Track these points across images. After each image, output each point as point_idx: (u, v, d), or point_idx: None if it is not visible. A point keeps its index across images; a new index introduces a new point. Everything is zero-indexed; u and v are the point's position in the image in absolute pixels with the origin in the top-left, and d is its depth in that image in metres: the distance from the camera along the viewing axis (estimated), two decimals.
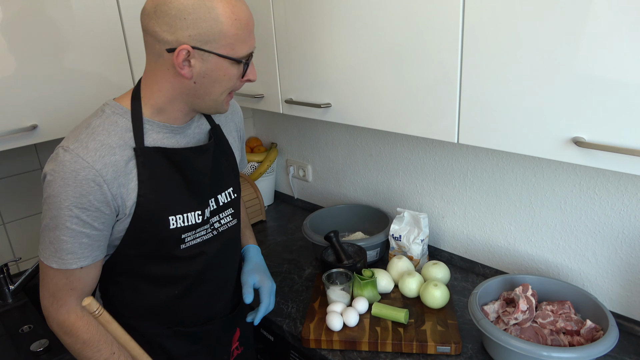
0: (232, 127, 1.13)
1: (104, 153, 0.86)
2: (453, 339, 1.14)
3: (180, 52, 0.83)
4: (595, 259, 1.22)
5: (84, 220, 0.86)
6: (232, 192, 1.08)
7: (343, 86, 1.23)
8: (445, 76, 1.00)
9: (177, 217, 0.95)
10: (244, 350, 1.25)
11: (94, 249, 0.90)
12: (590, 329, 1.06)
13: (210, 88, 0.90)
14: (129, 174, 0.89)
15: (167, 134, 0.95)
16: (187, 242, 0.98)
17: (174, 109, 0.93)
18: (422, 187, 1.56)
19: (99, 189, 0.85)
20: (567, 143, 0.86)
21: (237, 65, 0.89)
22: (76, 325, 0.92)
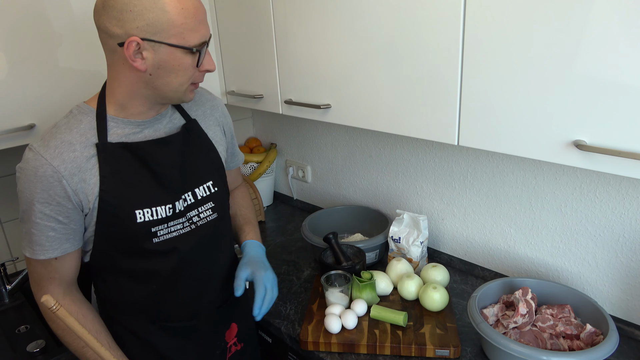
0: (211, 121, 1.12)
1: (63, 150, 0.90)
2: (452, 342, 1.13)
3: (130, 44, 0.84)
4: (596, 263, 1.21)
5: (47, 214, 0.90)
6: (212, 185, 1.07)
7: (343, 87, 1.22)
8: (446, 77, 0.99)
9: (144, 210, 0.96)
10: (245, 347, 1.25)
11: (63, 241, 0.94)
12: (590, 333, 1.05)
13: (166, 79, 0.90)
14: (90, 170, 0.92)
15: (133, 129, 0.97)
16: (160, 235, 0.99)
17: (136, 103, 0.95)
18: (421, 188, 1.56)
19: (58, 184, 0.89)
20: (568, 146, 0.86)
21: (191, 55, 0.89)
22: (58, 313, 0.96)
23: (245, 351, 1.25)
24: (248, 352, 1.26)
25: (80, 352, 1.01)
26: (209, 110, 1.13)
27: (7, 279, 1.47)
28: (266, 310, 1.07)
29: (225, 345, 1.19)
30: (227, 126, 1.18)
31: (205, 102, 1.13)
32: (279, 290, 1.43)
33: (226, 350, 1.19)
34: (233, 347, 1.21)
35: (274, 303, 1.37)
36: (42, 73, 1.24)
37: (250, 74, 1.52)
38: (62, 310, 0.87)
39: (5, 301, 1.47)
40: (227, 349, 1.19)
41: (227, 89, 1.64)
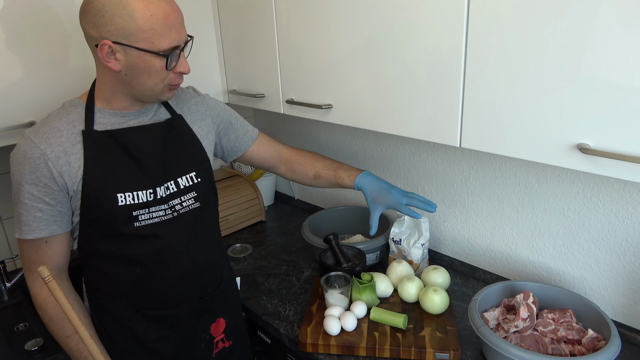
0: (196, 117, 1.16)
1: (51, 135, 0.97)
2: (452, 346, 1.12)
3: (102, 47, 0.91)
4: (598, 267, 1.20)
5: (35, 195, 0.96)
6: (195, 176, 1.11)
7: (344, 87, 1.21)
8: (449, 79, 0.98)
9: (125, 194, 1.00)
10: (234, 345, 1.25)
11: (50, 223, 0.99)
12: (592, 338, 1.04)
13: (140, 79, 0.96)
14: (75, 154, 0.98)
15: (118, 120, 1.03)
16: (141, 220, 1.03)
17: (118, 98, 1.01)
18: (423, 190, 1.55)
19: (44, 166, 0.95)
20: (572, 149, 0.84)
21: (161, 59, 0.94)
22: (47, 300, 1.03)
23: (234, 349, 1.25)
24: (237, 350, 1.26)
25: (64, 341, 1.05)
26: (194, 107, 1.17)
27: (6, 277, 1.47)
28: (428, 203, 1.18)
29: (211, 339, 1.19)
30: (217, 116, 1.22)
31: (189, 99, 1.17)
32: (279, 290, 1.43)
33: (212, 345, 1.20)
34: (220, 343, 1.21)
35: (274, 304, 1.37)
36: (43, 70, 1.23)
37: (252, 74, 1.51)
38: (53, 283, 0.92)
39: (5, 299, 1.47)
40: (214, 344, 1.20)
41: (229, 88, 1.63)
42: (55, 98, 1.27)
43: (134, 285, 1.07)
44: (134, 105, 1.04)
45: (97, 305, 1.10)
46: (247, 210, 1.88)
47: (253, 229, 1.88)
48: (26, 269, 1.04)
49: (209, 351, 1.19)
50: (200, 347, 1.17)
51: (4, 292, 1.47)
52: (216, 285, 1.20)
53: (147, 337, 1.10)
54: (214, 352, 1.20)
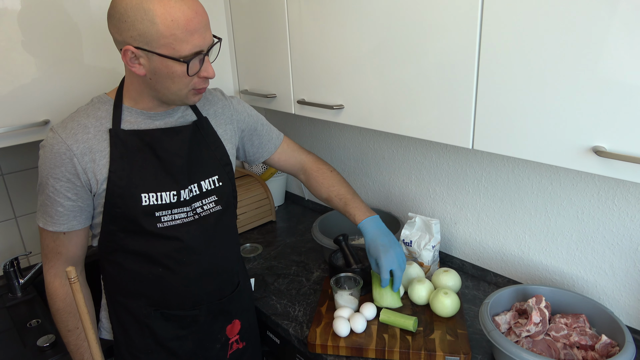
0: (222, 120, 1.17)
1: (78, 131, 0.98)
2: (462, 350, 1.11)
3: (125, 52, 0.92)
4: (613, 272, 1.18)
5: (58, 189, 0.98)
6: (217, 180, 1.12)
7: (356, 87, 1.20)
8: (461, 79, 0.97)
9: (149, 194, 1.01)
10: (247, 347, 1.25)
11: (70, 218, 1.01)
12: (605, 344, 1.02)
13: (164, 84, 0.96)
14: (101, 152, 0.99)
15: (145, 119, 1.03)
16: (164, 221, 1.04)
17: (144, 100, 1.02)
18: (434, 192, 1.53)
19: (69, 162, 0.96)
20: (587, 152, 0.83)
21: (182, 65, 0.93)
22: (57, 291, 1.06)
23: (247, 350, 1.25)
24: (249, 351, 1.27)
25: (64, 334, 1.08)
26: (220, 110, 1.17)
27: (20, 273, 1.49)
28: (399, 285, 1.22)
29: (226, 340, 1.20)
30: (242, 121, 1.22)
31: (216, 102, 1.18)
32: (288, 291, 1.43)
33: (227, 346, 1.20)
34: (235, 345, 1.22)
35: (283, 304, 1.37)
36: (57, 70, 1.25)
37: (264, 74, 1.51)
38: (77, 285, 0.94)
39: (18, 295, 1.49)
40: (229, 345, 1.20)
41: (241, 88, 1.64)
42: (70, 97, 1.28)
43: (154, 284, 1.08)
44: (161, 106, 1.04)
45: (116, 302, 1.11)
46: (257, 210, 1.88)
47: (263, 228, 1.89)
48: (43, 256, 1.06)
49: (224, 352, 1.20)
50: (216, 348, 1.18)
51: (17, 288, 1.49)
52: (233, 288, 1.21)
53: (164, 336, 1.11)
54: (229, 354, 1.21)
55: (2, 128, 1.18)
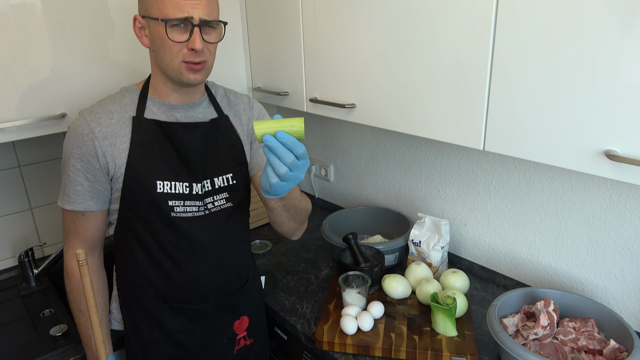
0: (244, 120, 1.19)
1: (102, 115, 1.03)
2: (469, 351, 1.11)
3: (135, 22, 1.01)
4: (623, 277, 1.17)
5: (78, 169, 1.02)
6: (231, 178, 1.13)
7: (369, 87, 1.21)
8: (474, 80, 0.97)
9: (164, 182, 1.05)
10: (254, 343, 1.26)
11: (87, 198, 1.05)
12: (613, 349, 1.02)
13: (160, 54, 1.00)
14: (122, 137, 1.03)
15: (167, 110, 1.08)
16: (176, 211, 1.06)
17: (159, 83, 1.06)
18: (444, 192, 1.53)
19: (90, 143, 1.01)
20: (599, 156, 0.83)
21: (163, 25, 0.95)
22: (74, 271, 1.09)
23: (254, 347, 1.27)
24: (256, 348, 1.28)
25: (76, 314, 1.11)
26: (241, 111, 1.20)
27: (34, 263, 1.52)
28: None
29: (234, 336, 1.21)
30: None
31: (239, 104, 1.21)
32: (297, 288, 1.44)
33: (234, 342, 1.21)
34: (242, 341, 1.23)
35: (291, 301, 1.38)
36: (76, 64, 1.27)
37: (277, 71, 1.52)
38: (85, 268, 0.95)
39: (32, 285, 1.52)
40: (236, 341, 1.22)
41: (254, 85, 1.65)
42: (88, 91, 1.30)
43: (163, 276, 1.10)
44: (175, 92, 1.07)
45: (126, 293, 1.14)
46: None
47: None
48: (65, 236, 1.10)
49: (231, 347, 1.21)
50: (223, 343, 1.19)
51: (31, 278, 1.52)
52: (242, 284, 1.22)
53: (172, 328, 1.13)
54: (235, 349, 1.22)
55: (20, 120, 1.20)
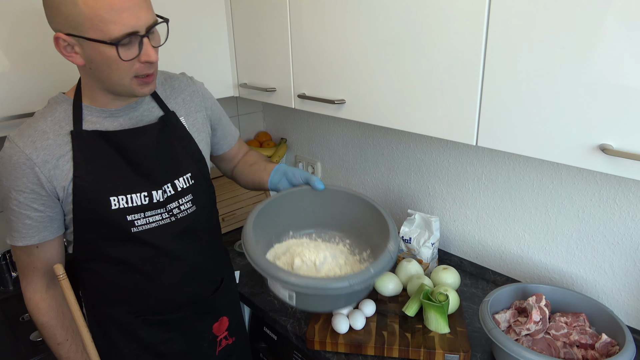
0: (191, 108, 1.10)
1: (36, 138, 0.91)
2: (462, 347, 1.10)
3: (57, 40, 0.85)
4: (613, 271, 1.18)
5: (22, 202, 0.92)
6: (190, 178, 1.05)
7: (358, 82, 1.19)
8: (466, 74, 0.96)
9: (119, 197, 0.95)
10: (237, 341, 1.24)
11: (40, 229, 0.95)
12: (605, 343, 1.02)
13: (104, 73, 0.88)
14: (64, 156, 0.92)
15: (107, 118, 0.97)
16: (138, 225, 0.98)
17: (97, 94, 0.95)
18: (434, 189, 1.53)
19: (31, 172, 0.90)
20: (594, 150, 0.82)
21: (113, 48, 0.83)
22: (38, 306, 1.01)
23: (237, 345, 1.24)
24: (239, 345, 1.26)
25: (54, 348, 1.03)
26: (188, 97, 1.10)
27: (12, 266, 1.46)
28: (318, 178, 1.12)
29: (214, 338, 1.18)
30: (210, 109, 1.15)
31: (184, 89, 1.10)
32: None
33: (215, 344, 1.18)
34: (224, 341, 1.20)
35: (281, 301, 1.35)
36: (27, 63, 1.18)
37: (264, 67, 1.49)
38: (66, 281, 0.92)
39: (10, 289, 1.46)
40: (217, 342, 1.19)
41: (240, 81, 1.62)
42: (42, 91, 1.21)
43: (134, 291, 1.04)
44: (117, 100, 0.96)
45: (97, 311, 1.08)
46: (254, 204, 1.87)
47: None
48: (20, 274, 1.01)
49: (212, 350, 1.18)
50: (203, 347, 1.16)
51: (9, 282, 1.47)
52: (217, 286, 1.18)
53: (149, 341, 1.09)
54: (217, 351, 1.19)
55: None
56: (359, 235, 1.11)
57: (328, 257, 1.02)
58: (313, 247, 1.06)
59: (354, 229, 1.12)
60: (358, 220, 1.11)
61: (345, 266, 1.04)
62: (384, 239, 0.98)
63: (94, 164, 0.94)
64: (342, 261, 1.05)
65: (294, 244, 1.09)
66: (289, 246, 1.08)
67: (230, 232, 1.81)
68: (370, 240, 1.08)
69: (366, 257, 1.07)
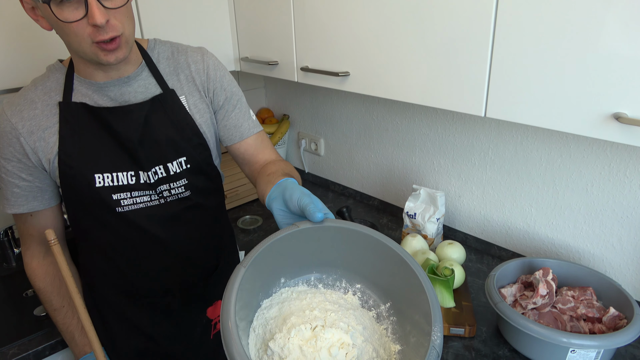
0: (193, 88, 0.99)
1: (24, 108, 0.89)
2: (467, 321, 1.10)
3: (21, 1, 0.82)
4: (621, 246, 1.17)
5: (10, 170, 0.91)
6: (185, 162, 0.97)
7: (363, 53, 1.16)
8: (476, 41, 0.93)
9: (104, 175, 0.92)
10: None
11: (29, 199, 0.94)
12: (613, 316, 1.01)
13: (64, 39, 0.82)
14: (50, 128, 0.90)
15: (97, 91, 0.92)
16: (124, 205, 0.95)
17: (79, 64, 0.90)
18: (439, 164, 1.50)
19: (16, 141, 0.89)
20: (607, 119, 0.80)
21: (48, 6, 0.76)
22: (35, 272, 1.02)
23: None
24: None
25: (52, 314, 1.04)
26: (195, 74, 0.99)
27: (14, 242, 1.46)
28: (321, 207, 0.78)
29: (208, 322, 1.15)
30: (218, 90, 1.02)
31: (190, 65, 0.99)
32: None
33: (210, 327, 1.15)
34: (219, 324, 1.17)
35: None
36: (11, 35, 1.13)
37: (266, 40, 1.46)
38: (58, 247, 0.91)
39: (13, 265, 1.46)
40: (212, 326, 1.16)
41: (241, 55, 1.58)
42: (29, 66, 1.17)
43: (121, 273, 1.03)
44: (100, 72, 0.90)
45: (90, 286, 1.07)
46: None
47: None
48: (20, 238, 1.03)
49: (206, 335, 1.15)
50: (196, 331, 1.13)
51: (12, 258, 1.46)
52: (211, 271, 1.12)
53: (139, 323, 1.07)
54: (212, 334, 1.16)
55: None
56: (373, 280, 0.82)
57: (344, 339, 0.70)
58: (316, 313, 0.74)
59: (365, 271, 0.82)
60: (373, 263, 0.80)
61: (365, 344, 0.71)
62: (415, 300, 0.72)
63: (79, 138, 0.90)
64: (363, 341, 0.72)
65: (287, 302, 0.78)
66: (281, 308, 0.77)
67: (234, 209, 1.80)
68: (389, 290, 0.80)
69: (386, 314, 0.79)
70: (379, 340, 0.75)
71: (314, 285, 0.84)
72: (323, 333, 0.70)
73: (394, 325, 0.78)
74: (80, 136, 0.90)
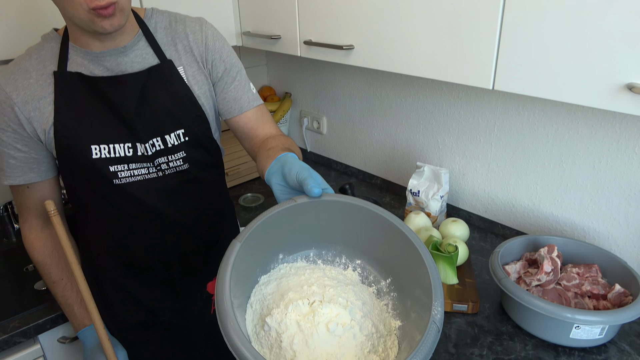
0: (191, 59, 0.97)
1: (18, 77, 0.88)
2: (471, 298, 1.09)
3: None
4: (627, 223, 1.15)
5: (4, 140, 0.90)
6: (183, 134, 0.96)
7: (367, 25, 1.13)
8: (485, 8, 0.90)
9: (100, 146, 0.90)
10: None
11: (25, 170, 0.93)
12: (618, 293, 1.00)
13: (59, 4, 0.80)
14: (45, 98, 0.88)
15: (92, 61, 0.90)
16: (121, 177, 0.93)
17: (75, 32, 0.87)
18: (443, 142, 1.48)
19: (10, 111, 0.87)
20: (620, 89, 0.77)
21: None
22: (34, 244, 1.02)
23: None
24: None
25: (50, 286, 1.04)
26: (194, 45, 0.97)
27: (14, 217, 1.45)
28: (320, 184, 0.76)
29: (208, 296, 1.14)
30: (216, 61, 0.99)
31: (188, 36, 0.97)
32: None
33: (210, 302, 1.15)
34: None
35: None
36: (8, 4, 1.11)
37: (268, 13, 1.42)
38: (58, 217, 0.91)
39: (13, 240, 1.45)
40: (212, 301, 1.15)
41: (243, 29, 1.55)
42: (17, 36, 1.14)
43: (118, 245, 1.02)
44: (96, 41, 0.88)
45: (90, 259, 1.06)
46: None
47: None
48: (18, 210, 1.02)
49: (207, 309, 1.15)
50: (196, 306, 1.12)
51: (12, 233, 1.45)
52: (211, 245, 1.11)
53: (139, 295, 1.06)
54: (213, 309, 1.15)
55: None
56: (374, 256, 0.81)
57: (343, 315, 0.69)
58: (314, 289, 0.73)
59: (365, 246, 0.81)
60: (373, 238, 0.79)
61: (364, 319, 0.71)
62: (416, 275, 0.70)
63: (75, 108, 0.89)
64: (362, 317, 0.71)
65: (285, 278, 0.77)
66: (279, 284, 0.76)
67: (235, 187, 1.79)
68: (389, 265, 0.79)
69: (386, 290, 0.78)
70: (379, 316, 0.75)
71: (313, 261, 0.83)
72: (321, 308, 0.69)
73: (395, 301, 0.77)
74: (76, 106, 0.89)
